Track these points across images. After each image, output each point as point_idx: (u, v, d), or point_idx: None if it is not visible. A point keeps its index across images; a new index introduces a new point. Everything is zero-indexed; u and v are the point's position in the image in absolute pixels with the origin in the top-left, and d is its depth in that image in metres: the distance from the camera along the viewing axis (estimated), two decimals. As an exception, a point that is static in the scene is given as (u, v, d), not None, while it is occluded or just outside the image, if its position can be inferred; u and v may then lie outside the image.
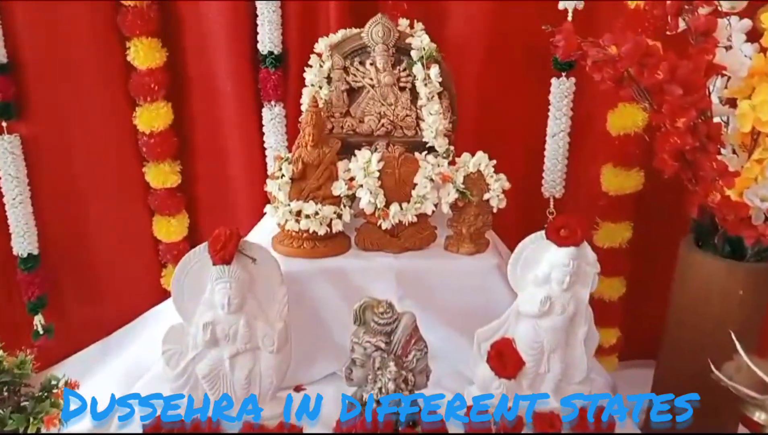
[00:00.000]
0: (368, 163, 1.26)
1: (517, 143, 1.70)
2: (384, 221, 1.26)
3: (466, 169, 1.29)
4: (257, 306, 1.08)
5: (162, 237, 1.71)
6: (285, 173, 1.26)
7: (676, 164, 1.24)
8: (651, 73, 1.17)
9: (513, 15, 1.58)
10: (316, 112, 1.26)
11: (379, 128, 1.40)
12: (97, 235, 1.70)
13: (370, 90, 1.39)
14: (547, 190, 1.68)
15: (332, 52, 1.39)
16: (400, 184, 1.28)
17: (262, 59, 1.55)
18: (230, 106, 1.61)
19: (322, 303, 1.26)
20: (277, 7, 1.52)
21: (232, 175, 1.70)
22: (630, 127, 1.57)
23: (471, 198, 1.28)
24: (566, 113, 1.62)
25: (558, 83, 1.60)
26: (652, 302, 1.67)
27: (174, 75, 1.59)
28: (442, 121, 1.36)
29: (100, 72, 1.56)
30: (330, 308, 1.25)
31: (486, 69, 1.63)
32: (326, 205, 1.26)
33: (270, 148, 1.63)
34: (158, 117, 1.58)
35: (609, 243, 1.67)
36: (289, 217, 1.24)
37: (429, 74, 1.38)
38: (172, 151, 1.63)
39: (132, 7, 1.50)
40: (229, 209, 1.74)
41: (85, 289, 1.74)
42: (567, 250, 1.06)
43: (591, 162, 1.68)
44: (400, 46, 1.39)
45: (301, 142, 1.27)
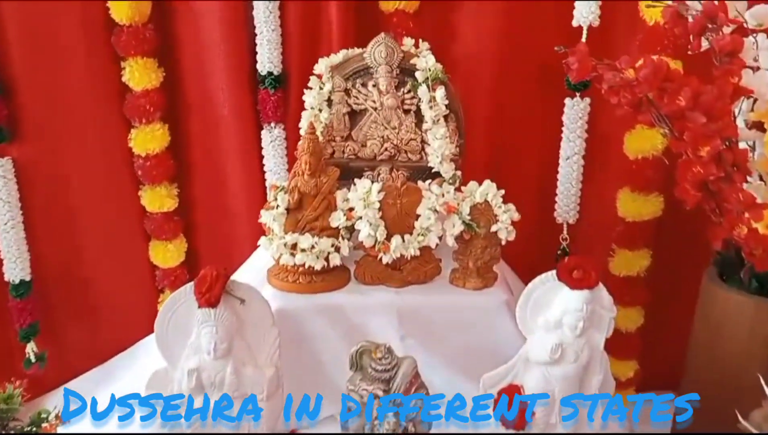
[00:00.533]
0: (368, 193, 1.19)
1: (529, 166, 1.63)
2: (385, 255, 1.19)
3: (472, 199, 1.21)
4: (246, 350, 1.02)
5: (159, 262, 1.65)
6: (280, 203, 1.20)
7: (698, 195, 1.16)
8: (672, 98, 1.08)
9: (524, 32, 1.51)
10: (313, 140, 1.19)
11: (382, 152, 1.34)
12: (91, 261, 1.65)
13: (373, 113, 1.33)
14: (561, 216, 1.60)
15: (333, 74, 1.33)
16: (402, 216, 1.21)
17: (261, 80, 1.50)
18: (229, 128, 1.56)
19: (319, 342, 1.19)
20: (276, 26, 1.46)
21: (231, 199, 1.64)
22: (648, 150, 1.49)
23: (478, 230, 1.20)
24: (581, 135, 1.53)
25: (572, 103, 1.52)
26: (671, 334, 1.58)
27: (171, 96, 1.54)
28: (448, 145, 1.30)
29: (95, 93, 1.51)
30: (327, 347, 1.18)
31: (495, 88, 1.56)
32: (323, 238, 1.19)
33: (270, 172, 1.57)
34: (154, 139, 1.53)
35: (626, 271, 1.58)
36: (283, 250, 1.18)
37: (434, 96, 1.31)
38: (168, 174, 1.58)
39: (127, 26, 1.44)
40: (227, 233, 1.68)
41: (80, 316, 1.69)
42: (580, 293, 0.98)
43: (606, 186, 1.59)
44: (404, 66, 1.32)
45: (298, 171, 1.20)
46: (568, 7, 1.46)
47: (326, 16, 1.48)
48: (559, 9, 1.48)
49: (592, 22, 1.45)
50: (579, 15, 1.45)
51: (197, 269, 1.68)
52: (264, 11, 1.44)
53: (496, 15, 1.50)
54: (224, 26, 1.47)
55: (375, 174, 1.33)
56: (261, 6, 1.44)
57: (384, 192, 1.20)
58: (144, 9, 1.45)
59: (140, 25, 1.45)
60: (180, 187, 1.61)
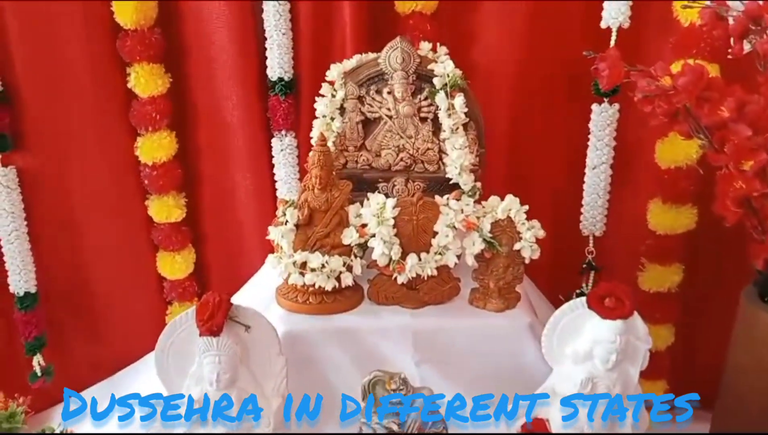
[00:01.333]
0: (382, 209, 1.12)
1: (553, 176, 1.55)
2: (400, 275, 1.12)
3: (493, 216, 1.13)
4: (251, 380, 0.96)
5: (166, 274, 1.61)
6: (289, 219, 1.13)
7: (740, 211, 1.07)
8: (713, 109, 1.00)
9: (549, 34, 1.43)
10: (323, 152, 1.12)
11: (397, 163, 1.27)
12: (98, 272, 1.60)
13: (388, 121, 1.26)
14: (587, 228, 1.52)
15: (346, 80, 1.26)
16: (419, 233, 1.14)
17: (272, 86, 1.44)
18: (238, 135, 1.50)
19: (330, 367, 1.12)
20: (287, 29, 1.41)
21: (241, 209, 1.59)
22: (682, 160, 1.40)
23: (500, 249, 1.12)
24: (609, 143, 1.45)
25: (599, 110, 1.43)
26: (703, 353, 1.50)
27: (178, 103, 1.49)
28: (467, 155, 1.22)
29: (99, 100, 1.46)
30: (339, 373, 1.11)
31: (517, 94, 1.48)
32: (335, 256, 1.12)
33: (280, 181, 1.52)
34: (161, 147, 1.48)
35: (656, 287, 1.50)
36: (292, 269, 1.11)
37: (453, 104, 1.23)
38: (176, 183, 1.53)
39: (132, 31, 1.39)
40: (237, 244, 1.63)
41: (87, 328, 1.65)
42: (613, 323, 0.89)
43: (636, 197, 1.51)
44: (421, 72, 1.25)
45: (308, 185, 1.14)
46: (595, 7, 1.38)
47: (339, 19, 1.42)
48: (586, 9, 1.41)
49: (622, 24, 1.36)
50: (608, 16, 1.37)
51: (206, 281, 1.69)
52: (274, 14, 1.39)
53: (519, 16, 1.43)
54: (233, 30, 1.41)
55: (390, 185, 1.27)
56: (271, 8, 1.39)
57: (399, 208, 1.12)
58: (150, 12, 1.40)
59: (146, 30, 1.40)
60: (188, 197, 1.57)
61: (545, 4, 1.41)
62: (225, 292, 1.43)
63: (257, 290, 1.31)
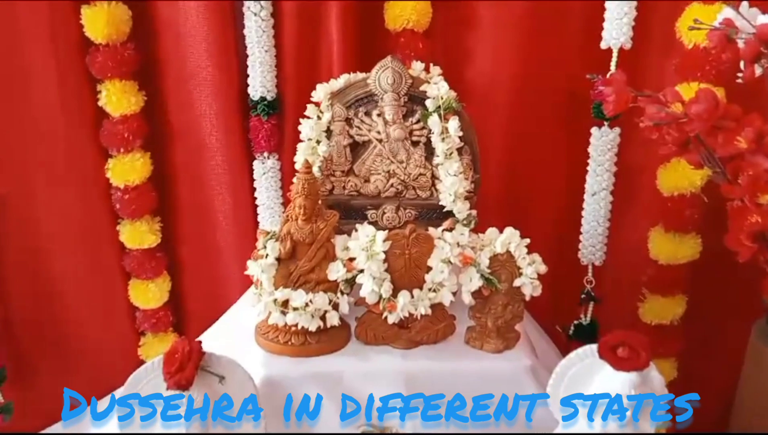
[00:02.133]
0: (372, 242, 1.03)
1: (550, 202, 1.48)
2: (390, 314, 1.03)
3: (492, 250, 1.05)
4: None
5: (139, 303, 1.52)
6: (270, 253, 1.04)
7: (754, 246, 1.00)
8: (729, 138, 0.93)
9: (546, 54, 1.37)
10: (308, 180, 1.03)
11: (387, 189, 1.19)
12: (66, 301, 1.51)
13: (378, 145, 1.18)
14: (586, 257, 1.45)
15: (333, 101, 1.18)
16: (411, 268, 1.05)
17: (253, 106, 1.36)
18: (217, 157, 1.42)
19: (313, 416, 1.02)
20: (270, 46, 1.33)
21: (220, 235, 1.51)
22: (686, 187, 1.33)
23: (498, 286, 1.04)
24: (609, 169, 1.38)
25: (599, 134, 1.36)
26: (707, 389, 1.42)
27: (152, 122, 1.41)
28: (462, 182, 1.15)
29: (68, 119, 1.37)
30: (323, 424, 1.02)
31: (513, 116, 1.42)
32: (320, 293, 1.03)
33: (262, 206, 1.44)
34: (134, 169, 1.39)
35: (657, 319, 1.42)
36: (273, 308, 1.02)
37: (447, 127, 1.15)
38: (149, 208, 1.45)
39: (103, 45, 1.31)
40: (215, 272, 1.55)
41: (54, 361, 1.56)
42: (627, 375, 0.81)
43: (636, 224, 1.45)
44: (413, 94, 1.17)
45: (291, 215, 1.05)
46: (595, 27, 1.31)
47: (326, 36, 1.34)
48: (585, 29, 1.34)
49: (623, 44, 1.30)
50: (608, 36, 1.30)
51: (182, 310, 1.61)
52: (256, 29, 1.31)
53: (515, 35, 1.36)
54: (212, 45, 1.34)
55: (379, 213, 1.19)
56: (253, 23, 1.31)
57: (390, 241, 1.04)
58: (122, 26, 1.31)
59: (118, 45, 1.31)
60: (163, 222, 1.49)
61: (543, 23, 1.35)
62: (203, 322, 1.41)
63: (235, 325, 1.22)
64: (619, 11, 1.28)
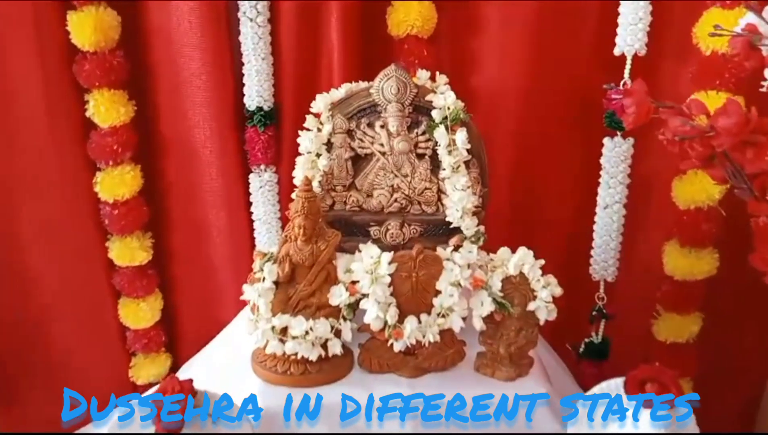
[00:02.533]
0: (377, 265, 0.97)
1: (559, 215, 1.43)
2: (397, 342, 0.96)
3: (504, 271, 0.98)
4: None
5: (129, 323, 1.45)
6: (267, 276, 0.97)
7: (784, 266, 0.94)
8: (760, 154, 0.86)
9: (557, 60, 1.31)
10: (308, 198, 0.97)
11: (391, 204, 1.13)
12: (53, 322, 1.44)
13: (381, 158, 1.12)
14: (598, 272, 1.39)
15: (333, 112, 1.11)
16: (419, 291, 0.98)
17: (249, 116, 1.31)
18: (211, 170, 1.36)
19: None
20: (267, 53, 1.27)
21: (214, 251, 1.45)
22: (703, 200, 1.27)
23: (511, 310, 0.98)
24: (622, 181, 1.32)
25: (612, 144, 1.30)
26: (724, 413, 1.37)
27: (143, 133, 1.35)
28: (470, 197, 1.08)
29: (54, 131, 1.30)
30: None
31: (521, 126, 1.36)
32: (320, 319, 0.96)
33: (259, 221, 1.38)
34: (123, 183, 1.33)
35: (672, 338, 1.37)
36: (270, 336, 0.95)
37: (454, 139, 1.09)
38: (140, 223, 1.38)
39: (91, 53, 1.24)
40: (210, 290, 1.49)
41: (41, 384, 1.48)
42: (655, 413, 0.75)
43: (650, 238, 1.39)
44: (418, 104, 1.11)
45: (290, 236, 0.98)
46: (607, 32, 1.26)
47: (326, 42, 1.29)
48: (597, 34, 1.30)
49: (638, 51, 1.24)
50: (622, 42, 1.25)
51: (174, 330, 1.54)
52: (252, 36, 1.25)
53: (524, 41, 1.30)
54: (206, 53, 1.28)
55: (382, 229, 1.13)
56: (249, 30, 1.25)
57: (396, 262, 0.97)
58: (111, 33, 1.24)
59: (107, 52, 1.24)
60: (154, 238, 1.43)
61: (553, 28, 1.30)
62: (197, 342, 1.35)
63: (230, 349, 1.15)
64: (633, 16, 1.22)
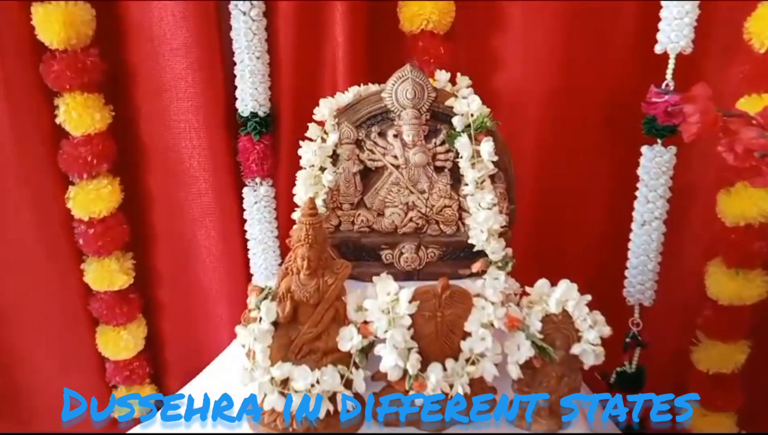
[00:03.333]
0: (394, 303, 0.83)
1: (590, 232, 1.33)
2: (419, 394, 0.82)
3: (545, 309, 0.85)
4: None
5: (109, 354, 1.34)
6: (265, 317, 0.83)
7: None
8: None
9: (587, 60, 1.22)
10: (313, 225, 0.83)
11: (405, 224, 1.02)
12: (24, 353, 1.35)
13: (394, 172, 1.01)
14: (633, 296, 1.26)
15: (340, 120, 0.99)
16: (444, 333, 0.85)
17: (243, 123, 1.20)
18: (200, 183, 1.26)
19: None
20: (262, 52, 1.16)
21: (203, 273, 1.34)
22: (754, 217, 1.16)
23: (553, 355, 0.84)
24: (663, 195, 1.20)
25: (651, 154, 1.18)
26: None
27: (122, 142, 1.24)
28: (497, 217, 0.96)
29: (20, 140, 1.19)
30: None
31: (548, 133, 1.26)
32: (328, 367, 0.82)
33: (254, 240, 1.26)
34: (100, 198, 1.21)
35: (716, 368, 1.26)
36: (269, 390, 0.81)
37: (479, 150, 0.97)
38: (120, 243, 1.27)
39: (61, 52, 1.11)
40: (199, 316, 1.38)
41: (13, 420, 1.39)
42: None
43: (689, 257, 1.28)
44: (436, 110, 0.99)
45: (291, 269, 0.84)
46: (648, 28, 1.14)
47: (330, 39, 1.18)
48: (634, 30, 1.19)
49: (683, 49, 1.12)
50: (665, 39, 1.13)
51: (160, 360, 1.41)
52: (245, 32, 1.14)
53: (552, 37, 1.21)
54: (193, 52, 1.17)
55: (396, 253, 1.02)
56: (242, 25, 1.14)
57: (418, 301, 0.83)
58: (84, 29, 1.12)
59: (78, 51, 1.13)
60: (136, 259, 1.32)
61: (583, 23, 1.19)
62: (186, 372, 1.22)
63: (220, 383, 1.01)
64: (679, 10, 1.10)
